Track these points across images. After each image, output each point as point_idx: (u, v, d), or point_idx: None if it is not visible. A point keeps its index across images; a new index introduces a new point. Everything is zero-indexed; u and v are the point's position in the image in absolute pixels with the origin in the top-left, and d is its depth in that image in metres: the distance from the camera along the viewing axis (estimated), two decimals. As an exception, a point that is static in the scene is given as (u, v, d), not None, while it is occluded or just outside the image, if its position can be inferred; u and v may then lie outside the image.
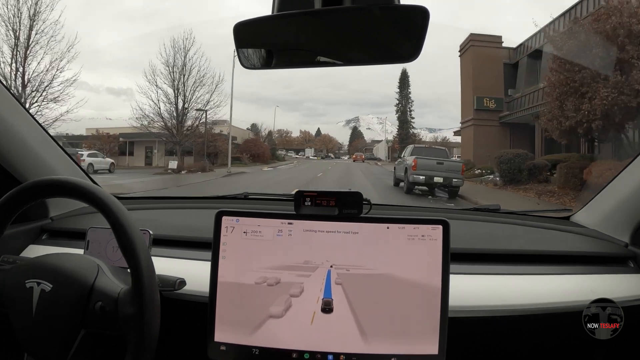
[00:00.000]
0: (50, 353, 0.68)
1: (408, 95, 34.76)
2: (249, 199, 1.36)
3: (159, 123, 16.64)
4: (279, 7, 0.69)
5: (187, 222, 1.22)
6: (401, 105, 33.96)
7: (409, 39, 0.67)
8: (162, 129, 16.78)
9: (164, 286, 0.82)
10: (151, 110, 16.40)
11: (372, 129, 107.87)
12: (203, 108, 16.96)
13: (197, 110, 17.14)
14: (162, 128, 16.76)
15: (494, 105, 16.00)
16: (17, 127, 1.03)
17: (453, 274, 0.74)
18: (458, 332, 0.77)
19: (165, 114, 16.55)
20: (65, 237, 1.12)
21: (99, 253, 0.90)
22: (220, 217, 0.78)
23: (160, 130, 16.85)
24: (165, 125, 16.73)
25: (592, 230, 1.09)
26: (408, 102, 34.50)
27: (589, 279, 0.93)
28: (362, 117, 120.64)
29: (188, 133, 17.16)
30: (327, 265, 0.75)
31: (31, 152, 1.07)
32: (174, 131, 16.76)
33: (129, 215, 0.68)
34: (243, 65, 0.75)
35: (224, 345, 0.76)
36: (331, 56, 0.75)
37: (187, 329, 0.90)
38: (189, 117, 17.08)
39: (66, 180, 0.71)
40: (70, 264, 0.72)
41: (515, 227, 1.16)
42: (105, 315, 0.68)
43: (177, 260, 0.97)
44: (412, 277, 0.74)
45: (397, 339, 0.73)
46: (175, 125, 16.72)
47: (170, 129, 16.79)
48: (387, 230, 0.75)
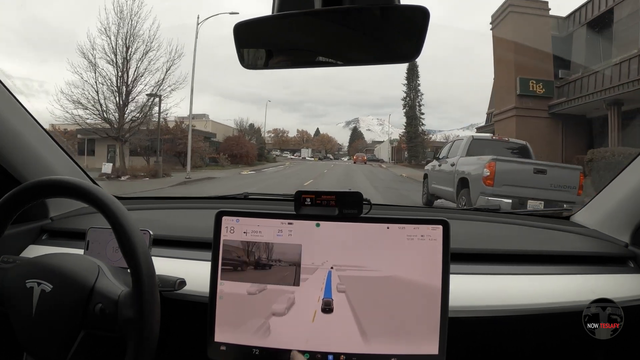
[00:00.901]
0: (50, 353, 0.68)
1: (417, 88, 29.72)
2: (249, 199, 1.36)
3: (94, 112, 12.67)
4: (279, 7, 0.69)
5: (187, 222, 1.22)
6: (409, 99, 29.43)
7: (409, 39, 0.67)
8: (99, 120, 12.96)
9: (164, 286, 0.82)
10: (85, 96, 12.61)
11: (372, 130, 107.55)
12: (155, 93, 13.08)
13: (149, 96, 13.27)
14: (99, 119, 12.95)
15: (542, 90, 12.06)
16: (17, 127, 1.03)
17: (453, 274, 0.74)
18: (458, 332, 0.77)
19: (103, 101, 12.61)
20: (65, 237, 1.12)
21: (99, 253, 0.90)
22: (220, 217, 0.78)
23: (98, 121, 13.04)
24: (102, 116, 12.89)
25: (592, 230, 1.09)
26: (417, 96, 29.65)
27: (589, 279, 0.93)
28: (362, 118, 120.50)
29: (134, 125, 13.34)
30: (328, 265, 0.75)
31: (31, 152, 1.07)
32: (113, 123, 12.89)
33: (129, 215, 0.68)
34: (243, 65, 0.75)
35: (224, 346, 0.76)
36: (331, 56, 0.75)
37: (187, 329, 0.90)
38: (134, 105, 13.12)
39: (66, 180, 0.71)
40: (71, 265, 0.72)
41: (515, 227, 1.16)
42: (105, 317, 0.68)
43: (177, 261, 0.97)
44: (412, 277, 0.74)
45: (397, 339, 0.73)
46: (117, 117, 12.74)
47: (109, 120, 12.93)
48: (387, 230, 0.75)
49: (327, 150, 49.36)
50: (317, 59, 0.75)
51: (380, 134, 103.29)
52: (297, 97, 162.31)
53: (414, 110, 29.40)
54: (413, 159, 27.68)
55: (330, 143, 52.82)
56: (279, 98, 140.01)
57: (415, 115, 29.17)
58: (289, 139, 44.90)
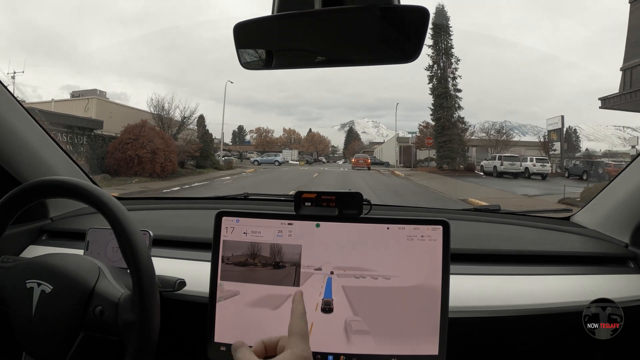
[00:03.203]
0: (49, 353, 0.68)
1: (450, 50, 18.09)
2: (249, 200, 1.36)
3: None
4: (279, 7, 0.69)
5: (187, 222, 1.22)
6: (437, 67, 18.11)
7: (409, 39, 0.67)
8: None
9: (164, 287, 0.82)
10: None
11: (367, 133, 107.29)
12: None
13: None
14: None
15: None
16: (17, 127, 1.03)
17: (453, 275, 0.74)
18: (458, 333, 0.77)
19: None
20: (65, 237, 1.12)
21: (99, 254, 0.90)
22: (220, 217, 0.78)
23: None
24: None
25: (592, 230, 1.09)
26: (450, 60, 17.98)
27: (589, 279, 0.93)
28: (357, 121, 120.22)
29: None
30: (328, 266, 0.75)
31: (31, 152, 1.07)
32: None
33: (129, 216, 0.68)
34: (243, 65, 0.75)
35: (224, 346, 0.75)
36: (331, 56, 0.75)
37: (187, 329, 0.90)
38: None
39: (66, 180, 0.71)
40: (71, 266, 0.72)
41: (515, 227, 1.16)
42: (104, 319, 0.68)
43: (177, 261, 0.97)
44: (412, 277, 0.74)
45: (397, 340, 0.72)
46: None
47: None
48: (387, 230, 0.75)
49: (319, 152, 42.39)
50: (317, 59, 0.75)
51: (376, 136, 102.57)
52: (291, 100, 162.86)
53: (446, 83, 17.83)
54: (446, 161, 17.41)
55: (322, 144, 45.37)
56: (274, 102, 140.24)
57: (447, 92, 17.72)
58: (274, 140, 38.68)
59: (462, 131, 18.29)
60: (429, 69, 18.48)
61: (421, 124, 20.21)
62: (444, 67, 18.32)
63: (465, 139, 18.45)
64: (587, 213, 1.15)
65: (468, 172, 16.59)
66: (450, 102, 17.67)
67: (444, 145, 17.69)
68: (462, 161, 17.68)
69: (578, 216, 1.18)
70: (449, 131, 17.48)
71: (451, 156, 17.38)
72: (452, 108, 17.76)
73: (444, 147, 17.62)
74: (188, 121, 14.66)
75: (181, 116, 14.39)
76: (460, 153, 17.71)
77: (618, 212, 1.04)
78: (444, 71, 18.30)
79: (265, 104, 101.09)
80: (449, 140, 17.56)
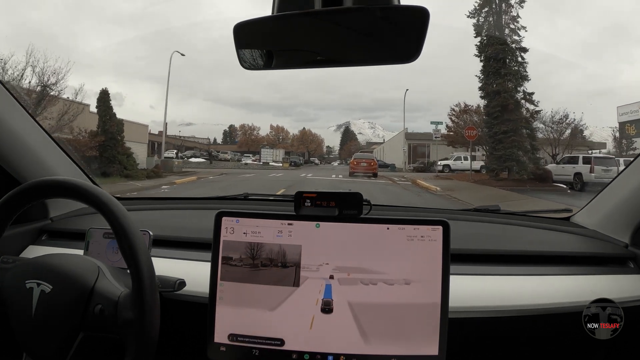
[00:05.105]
0: (49, 353, 0.68)
1: None
2: (248, 200, 1.36)
3: None
4: (278, 7, 0.69)
5: (187, 222, 1.22)
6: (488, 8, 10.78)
7: (409, 39, 0.67)
8: None
9: (164, 287, 0.82)
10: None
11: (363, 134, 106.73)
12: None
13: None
14: None
15: None
16: (17, 127, 1.03)
17: (453, 275, 0.74)
18: (458, 333, 0.77)
19: None
20: (65, 237, 1.12)
21: (99, 254, 0.90)
22: (220, 217, 0.78)
23: None
24: None
25: (592, 230, 1.09)
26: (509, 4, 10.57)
27: (589, 279, 0.93)
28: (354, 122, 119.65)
29: None
30: (327, 266, 0.75)
31: (31, 153, 1.07)
32: None
33: (129, 216, 0.68)
34: (243, 66, 0.75)
35: (223, 346, 0.76)
36: (331, 57, 0.75)
37: (186, 329, 0.90)
38: None
39: (66, 180, 0.71)
40: (71, 266, 0.72)
41: (515, 227, 1.16)
42: (104, 318, 0.68)
43: (177, 261, 0.97)
44: (412, 277, 0.73)
45: (397, 340, 0.72)
46: None
47: None
48: (387, 231, 0.75)
49: (311, 152, 37.56)
50: (317, 59, 0.75)
51: (372, 136, 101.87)
52: (288, 101, 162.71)
53: (503, 35, 10.67)
54: (508, 165, 10.84)
55: (314, 143, 39.86)
56: (270, 103, 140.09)
57: (510, 48, 10.71)
58: (260, 138, 34.74)
59: (531, 115, 10.98)
60: (474, 14, 10.83)
61: (453, 107, 13.10)
62: (498, 9, 10.65)
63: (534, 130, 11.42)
64: (587, 213, 1.15)
65: (540, 182, 10.23)
66: (508, 68, 10.20)
67: (504, 137, 10.67)
68: (532, 164, 11.02)
69: (578, 216, 1.18)
70: (513, 115, 10.28)
71: (515, 157, 10.76)
72: (517, 76, 10.43)
73: (505, 142, 10.68)
74: (56, 90, 8.96)
75: (39, 81, 8.88)
76: (530, 151, 11.12)
77: (618, 212, 1.04)
78: (497, 17, 10.84)
79: (261, 105, 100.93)
80: (512, 130, 10.57)
